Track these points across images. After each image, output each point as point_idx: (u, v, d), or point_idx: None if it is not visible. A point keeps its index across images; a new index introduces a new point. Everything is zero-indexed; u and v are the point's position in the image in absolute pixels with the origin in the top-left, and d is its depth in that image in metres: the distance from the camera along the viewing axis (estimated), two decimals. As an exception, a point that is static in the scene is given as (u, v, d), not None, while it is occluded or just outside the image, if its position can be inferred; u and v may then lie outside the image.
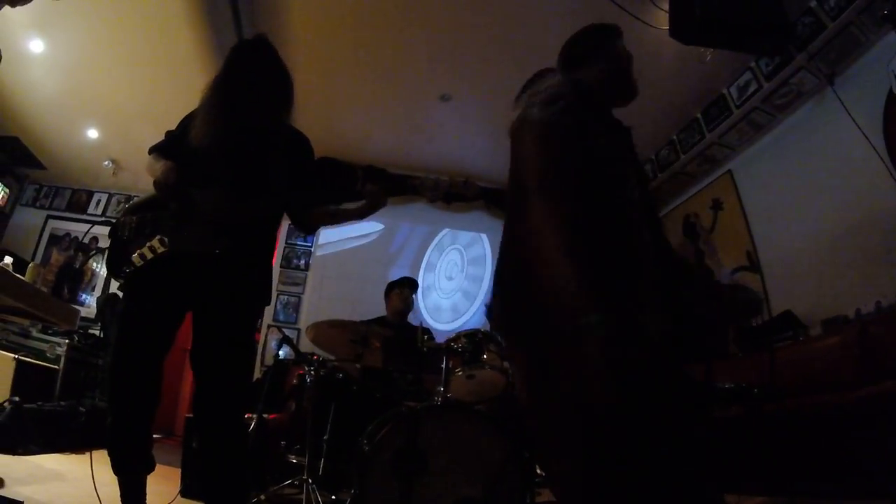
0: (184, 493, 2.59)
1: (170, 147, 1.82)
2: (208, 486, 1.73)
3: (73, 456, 3.45)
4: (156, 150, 1.82)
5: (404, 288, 3.66)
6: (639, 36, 3.89)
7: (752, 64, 4.18)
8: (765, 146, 4.49)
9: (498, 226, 7.17)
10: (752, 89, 4.21)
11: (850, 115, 3.40)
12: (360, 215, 1.95)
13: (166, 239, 1.68)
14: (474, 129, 5.39)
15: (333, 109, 5.10)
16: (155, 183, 1.68)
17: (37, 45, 4.12)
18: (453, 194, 1.94)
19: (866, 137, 3.29)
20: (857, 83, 3.64)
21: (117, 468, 1.67)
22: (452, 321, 5.95)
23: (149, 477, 1.79)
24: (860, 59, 3.64)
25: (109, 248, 1.77)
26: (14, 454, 3.14)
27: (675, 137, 5.18)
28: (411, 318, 3.78)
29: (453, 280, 6.22)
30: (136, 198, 5.79)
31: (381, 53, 4.37)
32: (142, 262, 1.67)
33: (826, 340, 3.21)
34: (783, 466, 2.51)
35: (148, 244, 1.67)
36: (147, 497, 1.78)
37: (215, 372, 1.69)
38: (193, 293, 1.70)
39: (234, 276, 1.72)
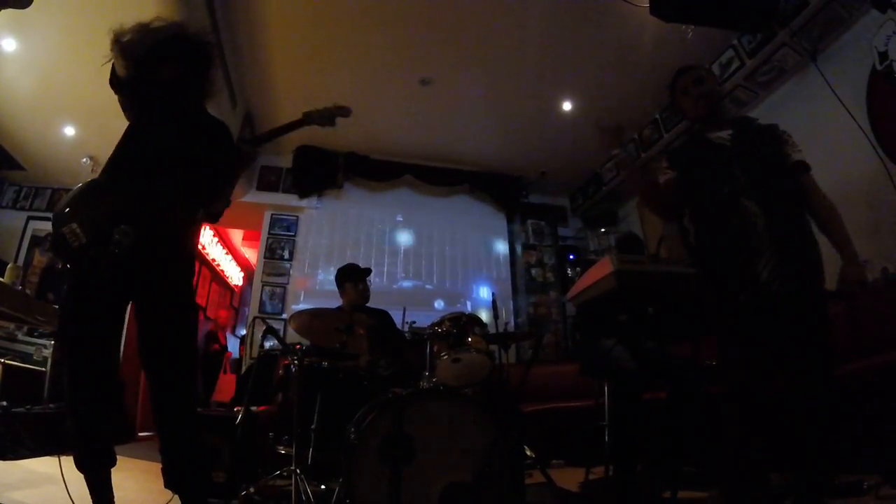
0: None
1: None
2: (178, 478, 1.75)
3: (65, 458, 3.41)
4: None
5: (360, 281, 3.45)
6: (619, 15, 3.88)
7: (735, 41, 4.18)
8: (748, 124, 4.50)
9: (483, 210, 7.18)
10: (734, 66, 4.21)
11: (833, 91, 3.39)
12: (237, 175, 2.05)
13: (122, 227, 1.65)
14: (455, 112, 5.37)
15: (312, 96, 5.02)
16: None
17: (9, 44, 4.03)
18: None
19: (850, 114, 3.28)
20: (840, 60, 3.64)
21: (81, 465, 1.68)
22: (436, 307, 5.96)
23: (142, 474, 1.79)
24: (843, 35, 3.65)
25: (67, 262, 1.73)
26: (4, 459, 3.11)
27: (657, 116, 5.20)
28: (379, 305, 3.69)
29: (433, 263, 6.21)
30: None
31: (359, 38, 4.33)
32: (115, 261, 1.64)
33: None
34: (773, 442, 2.52)
35: (115, 238, 1.64)
36: (140, 495, 1.78)
37: (164, 363, 1.72)
38: (132, 281, 1.71)
39: (168, 261, 1.77)
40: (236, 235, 8.85)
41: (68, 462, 1.71)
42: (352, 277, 3.44)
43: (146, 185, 1.73)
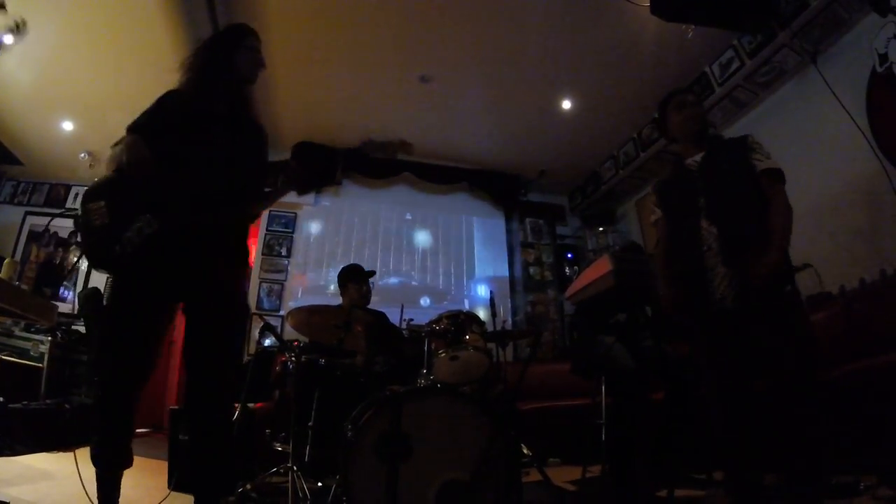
0: (174, 487, 2.57)
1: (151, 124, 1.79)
2: (198, 476, 1.71)
3: (62, 454, 3.41)
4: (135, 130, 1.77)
5: (363, 283, 3.41)
6: (620, 14, 3.87)
7: (735, 41, 4.17)
8: (747, 124, 4.49)
9: (481, 208, 7.17)
10: (734, 67, 4.20)
11: (833, 93, 3.39)
12: (278, 195, 2.05)
13: (147, 216, 1.63)
14: (455, 110, 5.36)
15: (312, 93, 5.04)
16: (128, 163, 1.62)
17: (7, 38, 4.02)
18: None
19: (850, 116, 3.29)
20: (840, 61, 3.63)
21: (98, 461, 1.64)
22: (431, 303, 5.97)
23: (138, 471, 1.77)
24: (843, 37, 3.63)
25: (84, 240, 1.71)
26: (1, 455, 3.11)
27: (657, 115, 5.17)
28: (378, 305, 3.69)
29: (431, 261, 6.21)
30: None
31: (358, 35, 4.31)
32: (131, 248, 1.62)
33: (811, 317, 3.23)
34: (770, 443, 2.53)
35: (136, 225, 1.62)
36: (136, 491, 1.76)
37: (210, 361, 1.68)
38: (186, 272, 1.67)
39: (221, 251, 1.73)
40: (234, 232, 8.84)
41: (66, 457, 1.70)
42: (355, 278, 3.41)
43: (178, 178, 1.70)
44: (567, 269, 6.42)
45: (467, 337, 2.40)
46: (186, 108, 1.80)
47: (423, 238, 6.29)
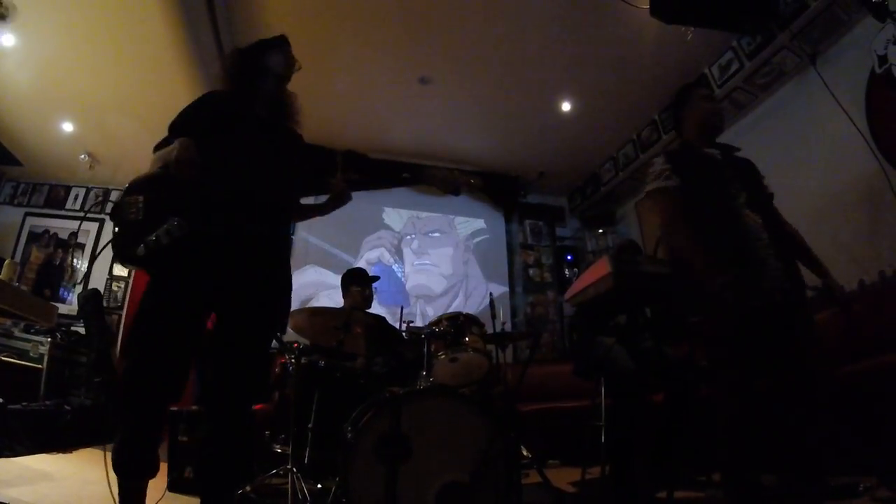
0: (171, 487, 2.56)
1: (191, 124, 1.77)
2: (208, 477, 1.67)
3: (61, 455, 3.41)
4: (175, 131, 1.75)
5: (366, 287, 3.41)
6: (619, 15, 3.88)
7: (734, 43, 4.18)
8: (747, 126, 4.50)
9: (481, 209, 7.15)
10: (733, 68, 4.21)
11: (832, 94, 3.40)
12: (323, 211, 2.08)
13: (177, 220, 1.60)
14: (454, 112, 5.37)
15: (311, 94, 4.96)
16: (176, 161, 1.61)
17: (7, 39, 4.02)
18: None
19: (849, 117, 3.29)
20: (839, 63, 3.63)
21: (121, 470, 1.55)
22: (433, 306, 5.99)
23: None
24: (843, 38, 3.64)
25: (116, 231, 1.66)
26: (1, 456, 3.10)
27: (656, 117, 5.20)
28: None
29: (431, 263, 6.23)
30: (114, 190, 5.72)
31: (358, 37, 4.32)
32: (157, 248, 1.58)
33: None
34: (769, 443, 2.53)
35: (165, 227, 1.59)
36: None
37: (243, 365, 1.66)
38: (222, 280, 1.64)
39: (261, 260, 1.71)
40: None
41: (66, 458, 1.67)
42: (359, 281, 3.40)
43: (214, 182, 1.67)
44: (566, 271, 6.42)
45: (467, 339, 2.40)
46: (225, 109, 1.80)
47: (421, 239, 6.28)
